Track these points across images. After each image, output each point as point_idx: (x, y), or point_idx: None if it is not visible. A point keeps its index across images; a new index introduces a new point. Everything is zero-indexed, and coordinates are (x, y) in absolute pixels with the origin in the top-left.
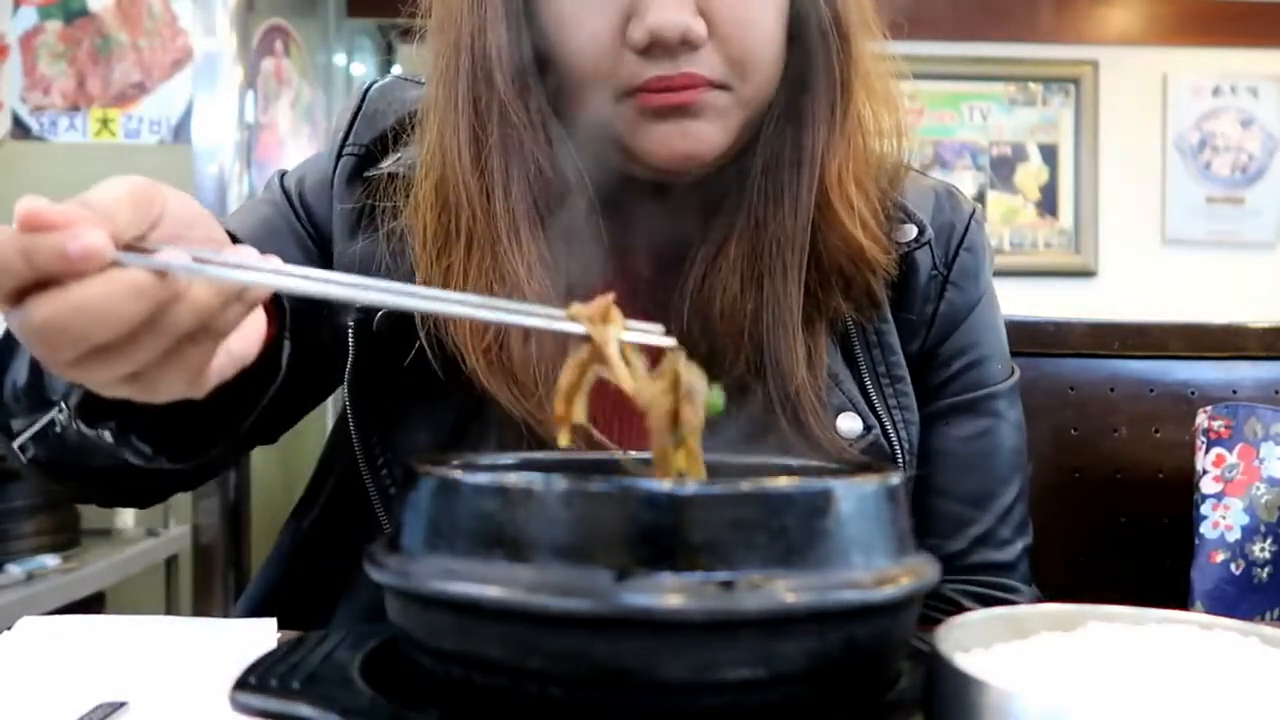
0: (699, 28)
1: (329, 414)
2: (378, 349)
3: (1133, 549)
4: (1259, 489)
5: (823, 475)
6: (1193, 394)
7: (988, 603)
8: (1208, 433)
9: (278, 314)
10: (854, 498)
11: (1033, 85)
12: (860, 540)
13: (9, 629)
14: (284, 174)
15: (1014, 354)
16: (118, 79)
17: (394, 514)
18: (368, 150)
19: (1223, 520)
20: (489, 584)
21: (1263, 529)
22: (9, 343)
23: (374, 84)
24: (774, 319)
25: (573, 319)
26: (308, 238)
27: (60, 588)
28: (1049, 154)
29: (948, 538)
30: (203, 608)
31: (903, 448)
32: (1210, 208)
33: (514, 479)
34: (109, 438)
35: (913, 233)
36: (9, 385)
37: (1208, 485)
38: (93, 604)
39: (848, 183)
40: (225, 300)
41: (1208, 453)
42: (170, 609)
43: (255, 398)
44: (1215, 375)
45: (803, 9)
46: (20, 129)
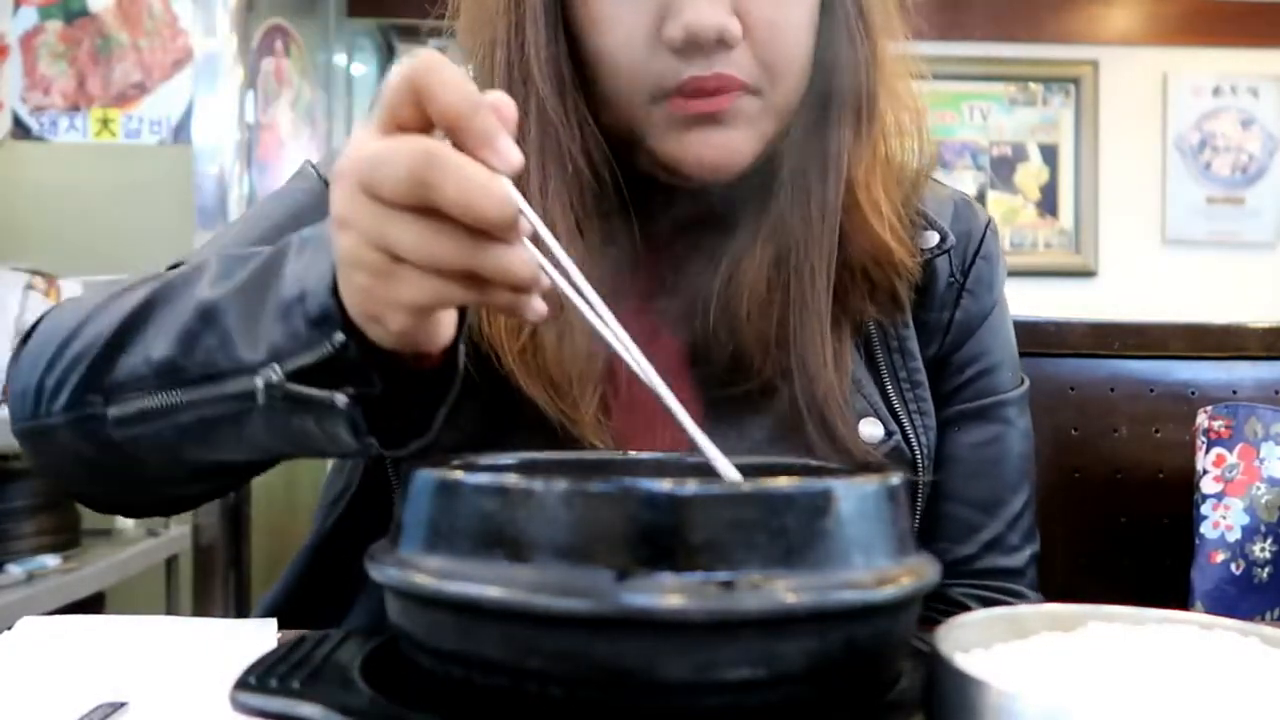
0: (734, 27)
1: None
2: None
3: (1133, 549)
4: (1259, 489)
5: (823, 475)
6: (1193, 394)
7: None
8: (1208, 433)
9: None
10: (854, 498)
11: (1033, 85)
12: (861, 540)
13: (9, 629)
14: (314, 163)
15: None
16: (118, 79)
17: (397, 514)
18: None
19: (1223, 520)
20: (489, 584)
21: (1263, 529)
22: (140, 320)
23: None
24: (801, 321)
25: None
26: None
27: (60, 588)
28: (1049, 154)
29: (957, 542)
30: (203, 608)
31: (922, 453)
32: (1210, 208)
33: (514, 479)
34: (341, 403)
35: (935, 239)
36: (132, 361)
37: (1208, 485)
38: (93, 604)
39: (874, 185)
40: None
41: (1208, 453)
42: (170, 609)
43: (444, 392)
44: (1215, 375)
45: (831, 13)
46: (20, 129)
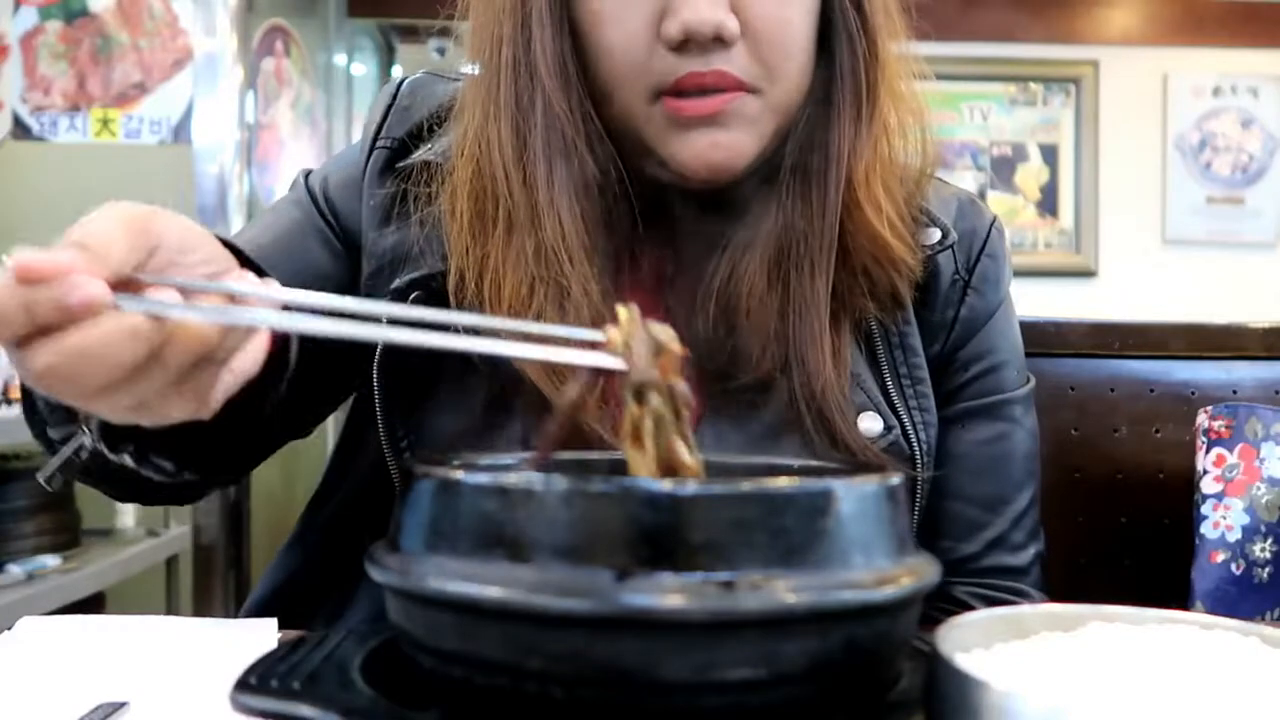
0: (732, 24)
1: (328, 420)
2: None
3: (1133, 549)
4: (1259, 489)
5: (823, 475)
6: (1193, 394)
7: (998, 606)
8: (1208, 433)
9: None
10: (854, 498)
11: (1033, 85)
12: (860, 540)
13: (9, 629)
14: (309, 173)
15: None
16: (118, 79)
17: (397, 514)
18: (401, 143)
19: (1223, 520)
20: (489, 584)
21: (1263, 529)
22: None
23: (406, 79)
24: (800, 317)
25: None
26: (334, 237)
27: (60, 588)
28: (1049, 154)
29: (961, 540)
30: (203, 608)
31: (921, 449)
32: (1210, 208)
33: (514, 479)
34: (129, 461)
35: (936, 236)
36: (40, 397)
37: (1208, 485)
38: (93, 604)
39: (875, 183)
40: (225, 331)
41: (1208, 453)
42: (170, 609)
43: (263, 402)
44: (1216, 375)
45: (830, 11)
46: (21, 129)
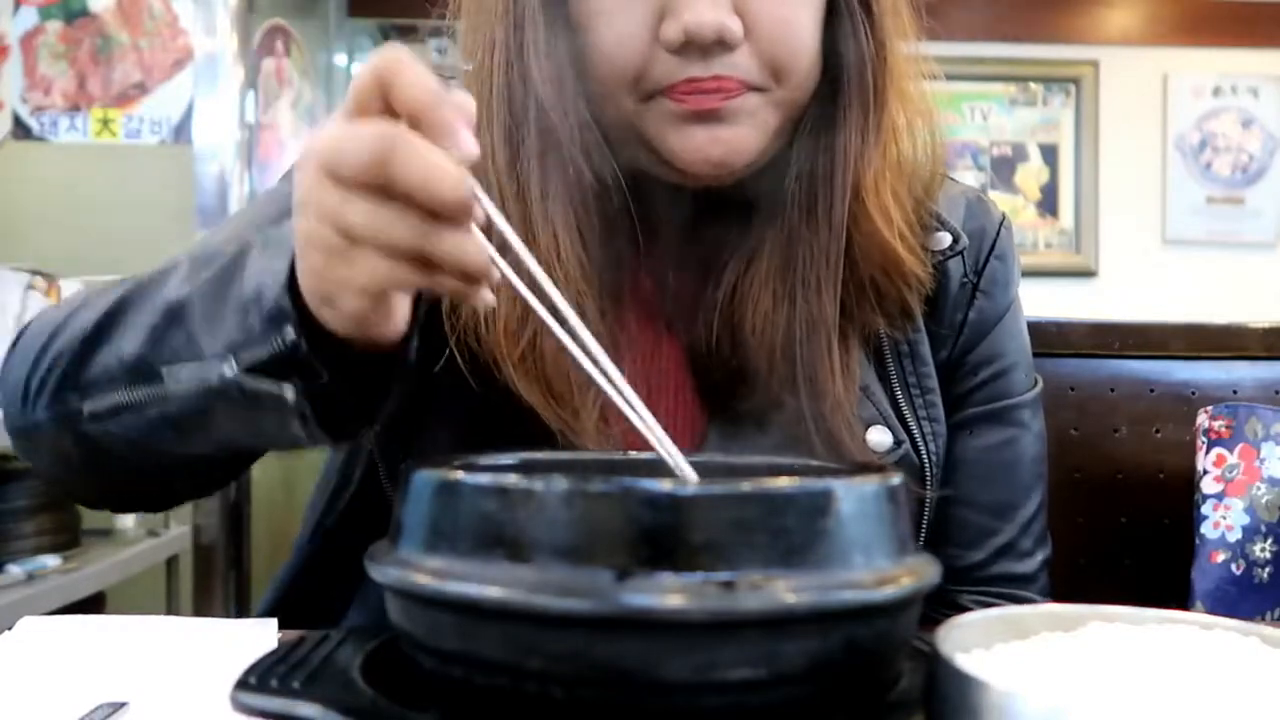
0: (735, 27)
1: None
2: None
3: (1133, 549)
4: (1260, 489)
5: (823, 475)
6: (1193, 394)
7: None
8: (1208, 433)
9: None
10: (854, 498)
11: (1033, 85)
12: (861, 540)
13: (9, 629)
14: None
15: None
16: (118, 79)
17: (397, 514)
18: None
19: (1223, 520)
20: (490, 584)
21: (1263, 529)
22: (113, 320)
23: None
24: (808, 334)
25: None
26: None
27: (60, 588)
28: (1049, 154)
29: (969, 548)
30: (203, 608)
31: (931, 461)
32: (1210, 208)
33: (514, 479)
34: (290, 397)
35: (947, 241)
36: (105, 359)
37: (1208, 485)
38: (93, 604)
39: (884, 191)
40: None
41: (1208, 453)
42: (171, 609)
43: (390, 382)
44: (1216, 375)
45: (838, 10)
46: (21, 129)
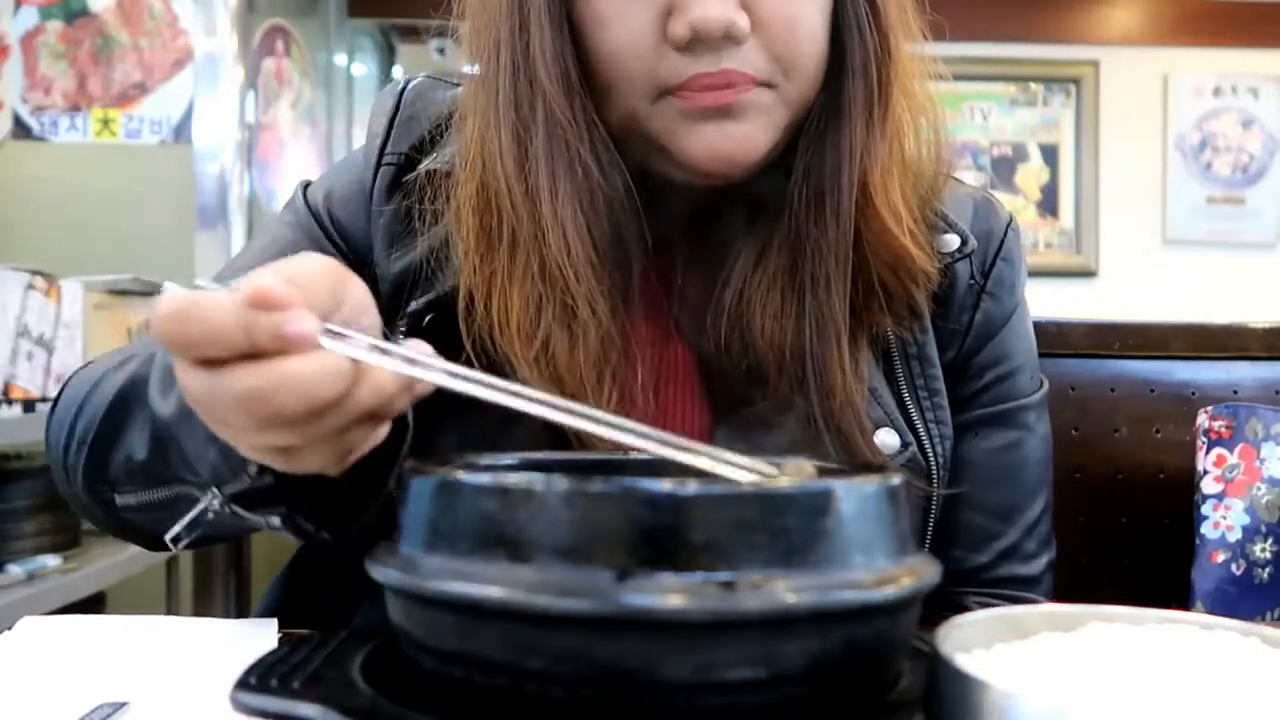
0: (743, 22)
1: None
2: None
3: (1133, 549)
4: (1260, 489)
5: (823, 475)
6: (1193, 394)
7: None
8: (1208, 433)
9: None
10: (855, 498)
11: (1034, 85)
12: (861, 540)
13: (9, 629)
14: (307, 186)
15: None
16: (118, 79)
17: (397, 514)
18: (406, 158)
19: (1224, 520)
20: (490, 584)
21: (1264, 529)
22: (121, 414)
23: (408, 84)
24: (817, 334)
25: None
26: (338, 254)
27: (61, 588)
28: (1050, 154)
29: (973, 550)
30: (203, 608)
31: (938, 463)
32: (1211, 208)
33: (515, 479)
34: (277, 522)
35: (955, 243)
36: (121, 457)
37: (1209, 485)
38: (93, 604)
39: (891, 188)
40: (402, 388)
41: (1208, 453)
42: (171, 609)
43: (391, 462)
44: (1216, 375)
45: (843, 6)
46: (21, 129)
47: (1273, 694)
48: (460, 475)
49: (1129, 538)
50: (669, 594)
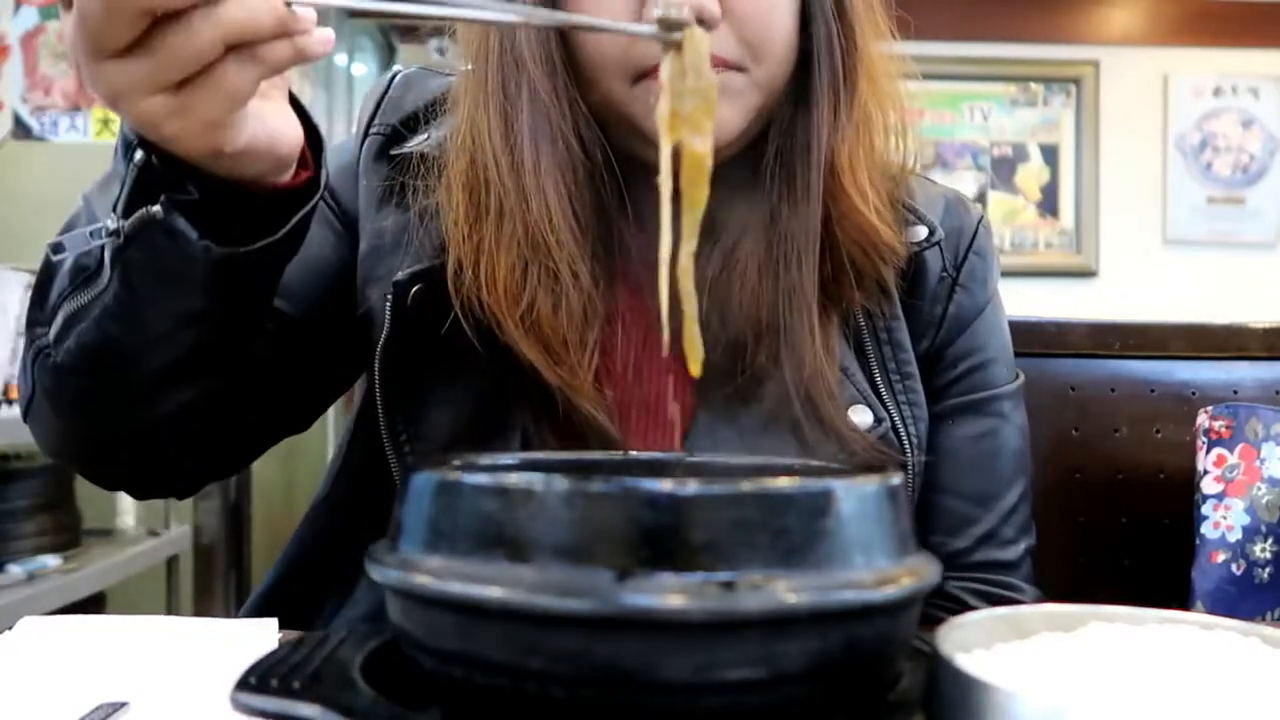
0: (713, 6)
1: (329, 421)
2: (411, 323)
3: (1133, 549)
4: (1260, 489)
5: (824, 475)
6: (1194, 394)
7: (991, 600)
8: (1209, 433)
9: (315, 165)
10: (855, 498)
11: (1034, 85)
12: (861, 540)
13: (9, 629)
14: None
15: (1015, 354)
16: None
17: (397, 514)
18: (394, 129)
19: (1224, 520)
20: (490, 584)
21: (1264, 529)
22: (62, 232)
23: (398, 73)
24: (790, 308)
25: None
26: (334, 218)
27: (61, 588)
28: (1050, 154)
29: (952, 535)
30: (203, 608)
31: (912, 442)
32: (1211, 208)
33: (515, 479)
34: (158, 212)
35: (923, 233)
36: (56, 284)
37: (1209, 485)
38: (93, 604)
39: (859, 172)
40: (276, 23)
41: (1209, 453)
42: (171, 609)
43: (287, 216)
44: (1216, 375)
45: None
46: (21, 129)
47: (1273, 694)
48: (460, 475)
49: (1129, 538)
50: (669, 594)
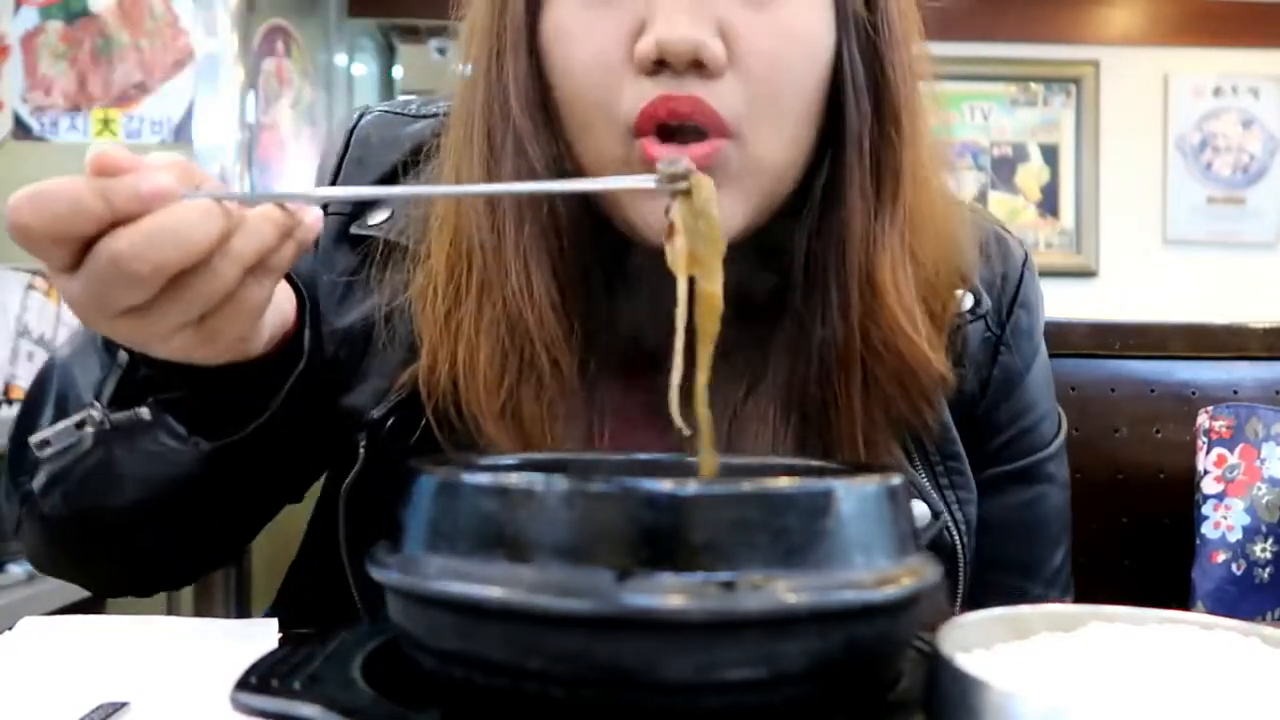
0: (715, 48)
1: None
2: (384, 450)
3: (1134, 549)
4: (1260, 489)
5: (824, 475)
6: (1194, 394)
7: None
8: (1209, 433)
9: (300, 310)
10: (855, 498)
11: (1034, 85)
12: (861, 540)
13: (9, 629)
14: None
15: None
16: (119, 79)
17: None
18: (355, 207)
19: (1224, 520)
20: (490, 584)
21: (1264, 529)
22: (34, 400)
23: (360, 121)
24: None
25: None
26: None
27: (61, 588)
28: (1050, 154)
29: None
30: (203, 608)
31: (960, 530)
32: (1211, 208)
33: (515, 479)
34: (146, 415)
35: (969, 303)
36: (39, 430)
37: (1209, 485)
38: (93, 604)
39: (904, 288)
40: (281, 234)
41: (1209, 453)
42: (171, 609)
43: (281, 380)
44: (1216, 375)
45: (840, 67)
46: (22, 129)
47: (1273, 694)
48: (461, 475)
49: (1129, 538)
50: (669, 594)
